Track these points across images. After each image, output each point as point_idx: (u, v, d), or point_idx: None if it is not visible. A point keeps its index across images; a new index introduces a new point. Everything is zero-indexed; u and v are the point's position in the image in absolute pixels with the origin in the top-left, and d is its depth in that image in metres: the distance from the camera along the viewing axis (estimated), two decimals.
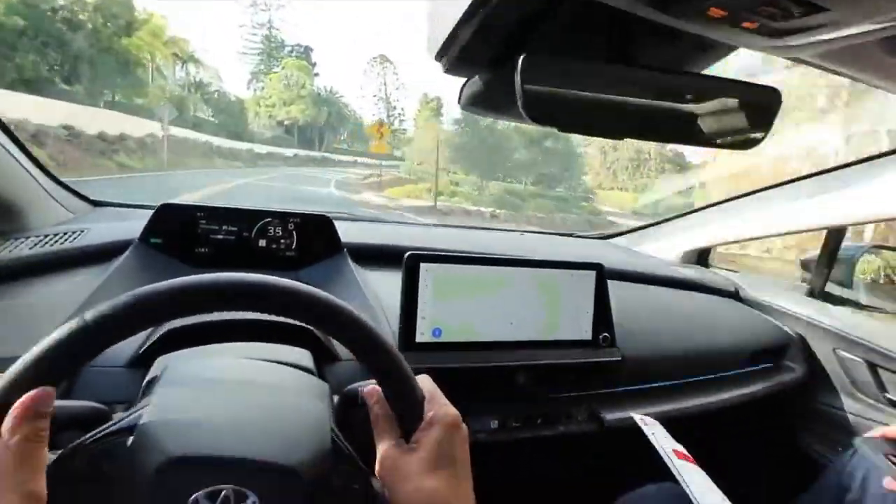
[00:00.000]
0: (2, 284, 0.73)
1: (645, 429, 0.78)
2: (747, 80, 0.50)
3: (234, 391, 0.45)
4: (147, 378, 0.53)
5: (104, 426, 0.40)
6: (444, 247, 1.12)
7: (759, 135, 0.50)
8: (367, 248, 1.03)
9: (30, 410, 0.34)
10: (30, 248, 0.78)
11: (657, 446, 0.74)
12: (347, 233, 0.98)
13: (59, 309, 0.68)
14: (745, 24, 0.40)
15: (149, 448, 0.37)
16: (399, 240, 1.11)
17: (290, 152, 37.38)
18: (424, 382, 0.46)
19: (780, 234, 1.25)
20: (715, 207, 1.39)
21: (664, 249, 1.50)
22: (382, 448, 0.43)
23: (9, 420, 0.34)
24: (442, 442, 0.42)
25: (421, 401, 0.44)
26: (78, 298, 0.70)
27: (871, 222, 1.11)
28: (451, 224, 1.73)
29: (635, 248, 1.57)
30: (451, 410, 0.45)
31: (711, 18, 0.39)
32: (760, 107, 0.50)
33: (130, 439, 0.38)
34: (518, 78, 0.46)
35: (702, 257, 1.48)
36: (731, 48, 0.52)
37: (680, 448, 0.75)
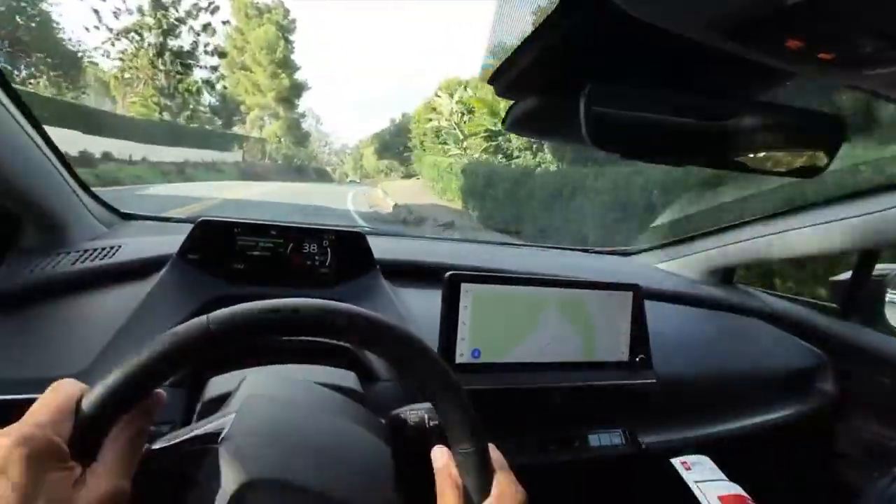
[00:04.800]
0: (48, 301, 0.73)
1: (685, 475, 0.76)
2: None
3: (308, 417, 0.45)
4: (205, 398, 0.53)
5: (190, 429, 0.40)
6: (467, 263, 1.12)
7: (822, 163, 0.50)
8: (398, 264, 1.03)
9: (145, 410, 0.36)
10: (72, 264, 0.78)
11: (697, 494, 0.72)
12: (377, 248, 0.98)
13: (105, 325, 0.68)
14: (822, 56, 0.40)
15: (234, 460, 0.38)
16: (426, 256, 1.10)
17: None
18: (493, 454, 0.45)
19: (810, 254, 1.24)
20: (742, 226, 1.38)
21: (687, 267, 1.49)
22: None
23: (123, 422, 0.35)
24: None
25: (492, 474, 0.43)
26: (122, 314, 0.70)
27: None
28: (474, 240, 1.73)
29: (657, 266, 1.56)
30: (520, 489, 0.44)
31: (787, 49, 0.39)
32: (825, 135, 0.50)
33: (216, 447, 0.39)
34: (583, 105, 0.46)
35: (726, 276, 1.46)
36: (793, 75, 0.52)
37: (732, 490, 0.73)
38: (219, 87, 25.74)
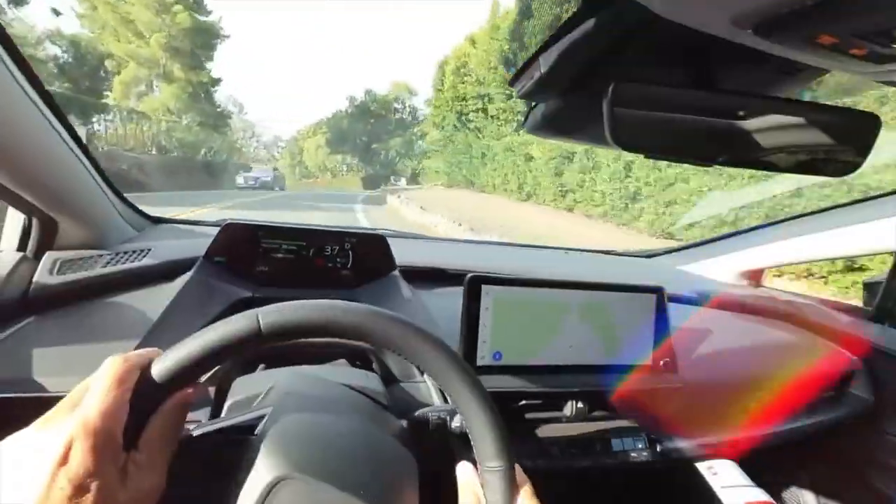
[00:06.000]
0: (82, 302, 0.76)
1: (711, 480, 0.75)
2: None
3: (338, 418, 0.46)
4: (232, 398, 0.54)
5: (225, 418, 0.41)
6: (487, 265, 1.11)
7: (854, 162, 0.49)
8: (419, 266, 1.03)
9: (187, 399, 0.37)
10: (103, 267, 0.81)
11: (724, 500, 0.71)
12: (398, 251, 0.99)
13: (136, 325, 0.70)
14: (853, 51, 0.39)
15: (268, 454, 0.39)
16: (446, 258, 1.11)
17: None
18: (519, 475, 0.45)
19: (841, 256, 1.20)
20: (769, 227, 1.35)
21: (713, 269, 1.46)
22: None
23: (168, 406, 0.36)
24: None
25: (516, 492, 0.43)
26: (152, 315, 0.72)
27: None
28: (494, 241, 1.72)
29: (681, 268, 1.53)
30: None
31: (818, 45, 0.38)
32: (856, 133, 0.49)
33: (252, 438, 0.39)
34: (606, 105, 0.45)
35: (753, 279, 1.43)
36: (823, 71, 0.50)
37: (759, 497, 0.72)
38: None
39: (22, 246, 0.81)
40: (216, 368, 0.64)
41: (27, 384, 0.63)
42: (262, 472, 0.37)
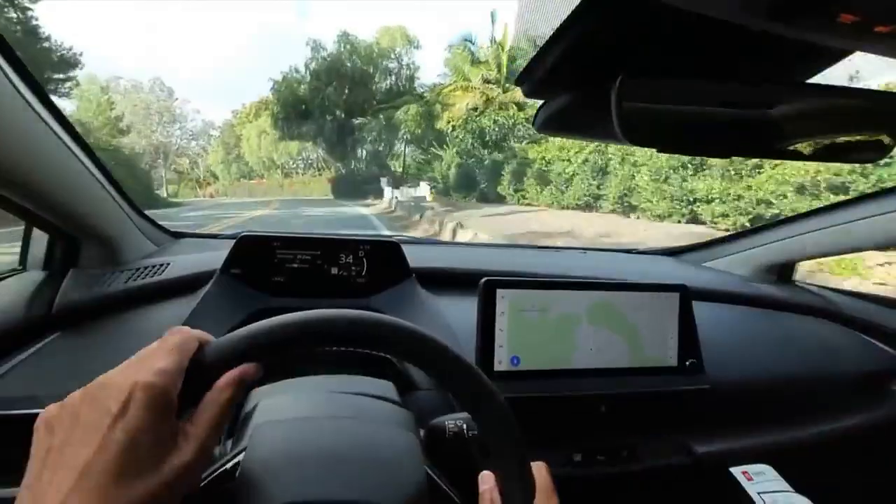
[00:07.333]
0: (104, 317, 0.77)
1: (747, 486, 0.71)
2: None
3: (328, 429, 0.45)
4: (244, 411, 0.54)
5: (213, 469, 0.41)
6: (503, 268, 1.10)
7: (886, 146, 0.46)
8: (434, 271, 1.02)
9: (245, 375, 0.36)
10: (124, 283, 0.82)
11: None
12: (412, 256, 0.98)
13: (156, 338, 0.71)
14: (879, 29, 0.36)
15: (253, 494, 0.37)
16: (461, 263, 1.09)
17: None
18: (541, 471, 0.44)
19: (876, 247, 1.14)
20: (798, 219, 1.29)
21: (740, 265, 1.41)
22: None
23: (222, 381, 0.35)
24: None
25: (532, 498, 0.41)
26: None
27: None
28: (510, 244, 1.71)
29: (705, 265, 1.48)
30: None
31: (840, 25, 0.36)
32: (888, 115, 0.46)
33: (234, 484, 0.39)
34: (614, 100, 0.44)
35: (784, 273, 1.37)
36: (846, 53, 0.48)
37: (799, 502, 0.68)
38: None
39: (47, 265, 0.84)
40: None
41: (54, 400, 0.64)
42: None
